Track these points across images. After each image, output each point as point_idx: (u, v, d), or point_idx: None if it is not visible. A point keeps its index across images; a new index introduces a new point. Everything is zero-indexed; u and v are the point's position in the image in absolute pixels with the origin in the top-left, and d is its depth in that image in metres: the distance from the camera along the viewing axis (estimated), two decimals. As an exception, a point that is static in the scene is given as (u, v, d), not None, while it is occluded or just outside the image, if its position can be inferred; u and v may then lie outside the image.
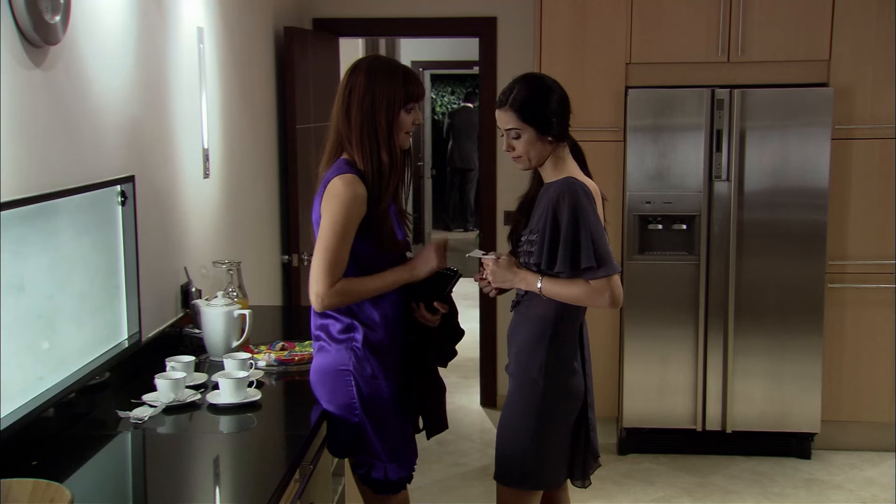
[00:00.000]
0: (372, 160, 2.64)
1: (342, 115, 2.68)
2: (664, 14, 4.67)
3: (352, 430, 2.72)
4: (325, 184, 2.65)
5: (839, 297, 4.72)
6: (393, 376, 2.75)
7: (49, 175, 2.42)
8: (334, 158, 2.72)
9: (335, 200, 2.61)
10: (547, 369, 2.80)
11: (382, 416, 2.73)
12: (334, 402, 2.71)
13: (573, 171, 2.84)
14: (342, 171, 2.63)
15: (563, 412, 2.84)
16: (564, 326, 2.82)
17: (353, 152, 2.66)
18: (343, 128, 2.68)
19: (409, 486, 2.87)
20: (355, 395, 2.69)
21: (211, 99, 3.73)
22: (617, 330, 4.84)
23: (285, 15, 4.94)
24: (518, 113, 2.79)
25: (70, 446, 2.39)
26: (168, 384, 2.66)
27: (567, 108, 2.88)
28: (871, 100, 4.62)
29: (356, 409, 2.70)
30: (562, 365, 2.82)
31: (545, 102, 2.81)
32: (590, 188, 2.79)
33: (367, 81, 2.65)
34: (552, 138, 2.82)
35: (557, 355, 2.81)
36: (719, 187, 4.60)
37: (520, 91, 2.82)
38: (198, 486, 2.31)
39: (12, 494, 1.86)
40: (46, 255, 2.40)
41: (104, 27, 2.76)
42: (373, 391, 2.70)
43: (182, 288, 3.37)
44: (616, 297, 2.74)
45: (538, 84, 2.86)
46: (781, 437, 4.77)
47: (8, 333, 2.19)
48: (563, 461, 2.91)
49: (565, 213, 2.71)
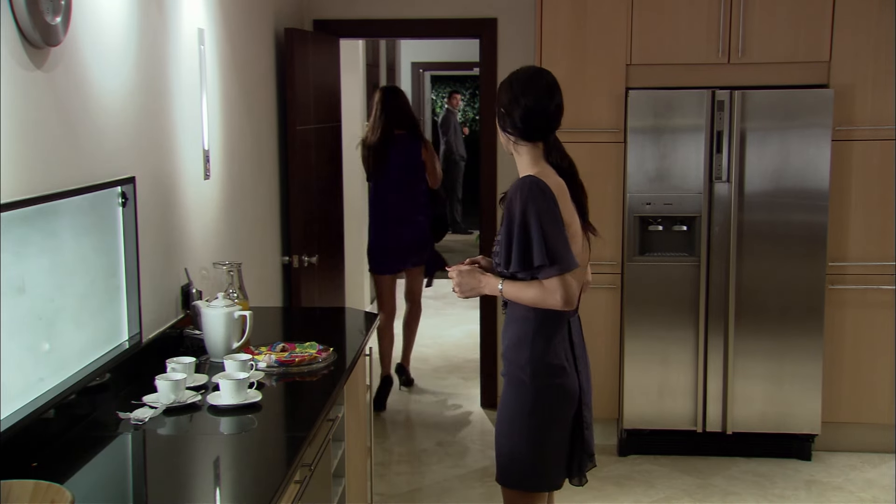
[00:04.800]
0: None
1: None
2: (664, 15, 4.67)
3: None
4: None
5: (839, 298, 4.72)
6: None
7: (50, 176, 2.42)
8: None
9: None
10: (533, 370, 2.79)
11: None
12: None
13: (538, 170, 2.81)
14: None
15: (557, 412, 2.82)
16: (547, 326, 2.80)
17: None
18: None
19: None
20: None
21: (211, 100, 3.73)
22: (617, 331, 4.84)
23: (286, 16, 4.94)
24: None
25: (70, 448, 2.39)
26: (168, 385, 2.66)
27: (527, 109, 2.79)
28: (872, 101, 4.62)
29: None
30: (549, 365, 2.80)
31: (499, 94, 2.86)
32: (550, 185, 2.74)
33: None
34: (509, 132, 2.84)
35: (543, 355, 2.79)
36: (720, 188, 4.60)
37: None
38: (198, 487, 2.32)
39: (13, 495, 1.86)
40: (47, 256, 2.40)
41: (105, 28, 2.76)
42: None
43: (182, 289, 3.37)
44: (568, 296, 2.70)
45: (508, 77, 2.88)
46: (782, 439, 4.77)
47: (8, 335, 2.20)
48: (560, 462, 2.89)
49: (517, 212, 2.71)
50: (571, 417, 2.87)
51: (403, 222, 5.67)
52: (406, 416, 5.53)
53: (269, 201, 4.61)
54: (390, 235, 5.69)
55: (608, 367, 4.85)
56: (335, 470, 3.07)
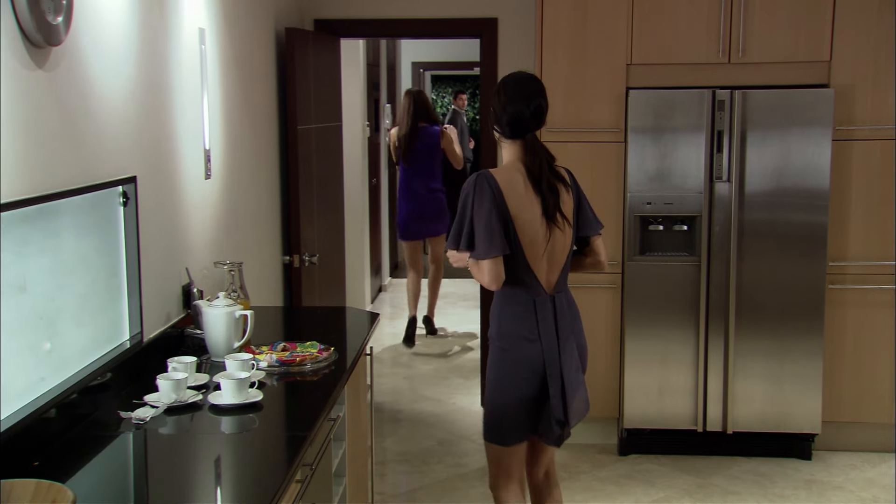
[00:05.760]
0: None
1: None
2: (665, 15, 4.68)
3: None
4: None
5: (840, 298, 4.73)
6: None
7: (51, 175, 2.43)
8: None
9: None
10: (499, 335, 3.17)
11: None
12: None
13: (507, 163, 3.17)
14: None
15: (518, 375, 3.13)
16: (509, 303, 3.15)
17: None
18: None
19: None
20: None
21: (212, 100, 3.74)
22: (618, 331, 4.84)
23: (286, 16, 4.95)
24: None
25: (72, 447, 2.39)
26: (170, 385, 2.66)
27: (509, 113, 3.14)
28: (872, 101, 4.62)
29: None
30: (512, 333, 3.13)
31: (492, 96, 3.20)
32: (500, 180, 3.06)
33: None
34: (495, 129, 3.20)
35: (508, 323, 3.15)
36: (720, 188, 4.61)
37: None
38: (199, 486, 2.32)
39: (14, 495, 1.86)
40: (48, 255, 2.40)
41: (106, 28, 2.77)
42: None
43: (183, 288, 3.37)
44: (489, 278, 3.04)
45: (500, 80, 3.24)
46: (782, 438, 4.78)
47: (10, 334, 2.20)
48: (518, 422, 3.17)
49: (461, 200, 3.10)
50: (537, 385, 3.11)
51: (426, 197, 7.00)
52: (407, 415, 5.54)
53: (269, 201, 4.61)
54: (416, 208, 7.02)
55: (609, 366, 4.86)
56: (336, 469, 3.07)
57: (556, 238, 3.12)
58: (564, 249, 3.17)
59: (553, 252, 3.13)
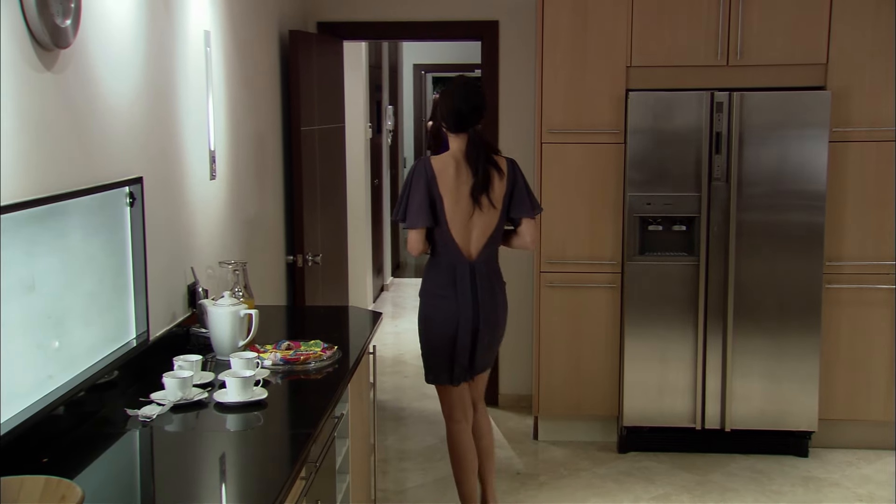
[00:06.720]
0: None
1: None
2: (664, 18, 4.71)
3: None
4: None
5: (836, 297, 4.76)
6: None
7: (59, 176, 2.45)
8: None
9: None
10: (423, 292, 3.84)
11: None
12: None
13: (451, 152, 3.72)
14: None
15: (435, 325, 3.77)
16: (435, 264, 3.77)
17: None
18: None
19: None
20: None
21: (217, 101, 3.77)
22: (617, 329, 4.87)
23: (290, 18, 4.98)
24: None
25: (80, 444, 2.42)
26: (175, 383, 2.69)
27: (450, 109, 3.69)
28: (869, 103, 4.66)
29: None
30: (430, 290, 3.79)
31: (440, 97, 3.76)
32: (434, 166, 3.66)
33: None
34: (441, 124, 3.74)
35: (428, 282, 3.81)
36: (718, 189, 4.64)
37: None
38: (205, 483, 2.35)
39: (25, 491, 1.89)
40: (56, 255, 2.42)
41: (113, 30, 2.80)
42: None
43: (189, 288, 3.40)
44: (411, 245, 3.72)
45: (447, 84, 3.82)
46: (779, 436, 4.81)
47: (18, 332, 2.22)
48: (442, 365, 3.79)
49: (405, 180, 3.70)
50: (451, 335, 3.73)
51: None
52: (409, 413, 5.57)
53: (273, 201, 4.65)
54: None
55: (608, 364, 4.89)
56: (339, 467, 3.09)
57: (480, 216, 3.70)
58: (489, 226, 3.73)
59: (476, 227, 3.71)
